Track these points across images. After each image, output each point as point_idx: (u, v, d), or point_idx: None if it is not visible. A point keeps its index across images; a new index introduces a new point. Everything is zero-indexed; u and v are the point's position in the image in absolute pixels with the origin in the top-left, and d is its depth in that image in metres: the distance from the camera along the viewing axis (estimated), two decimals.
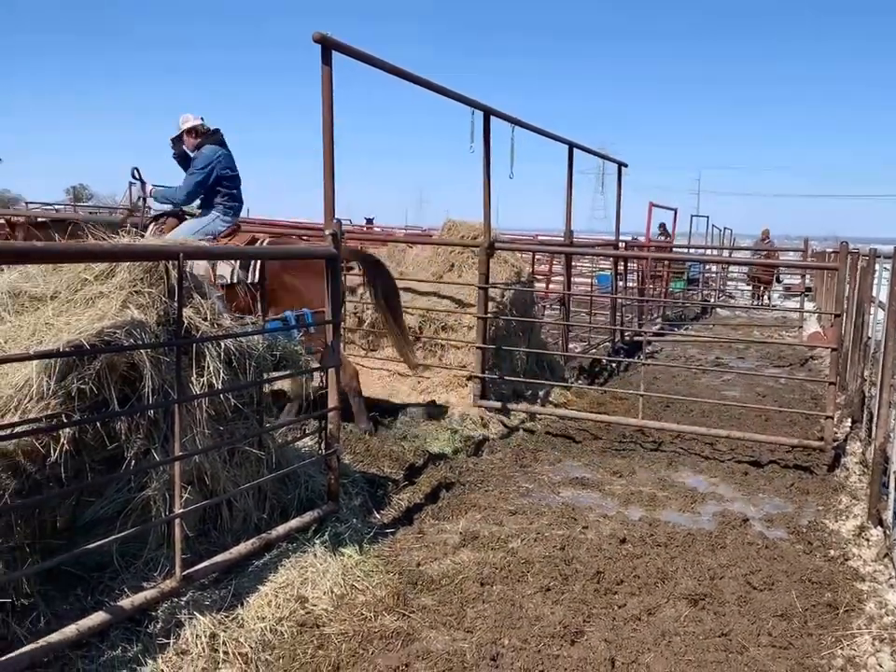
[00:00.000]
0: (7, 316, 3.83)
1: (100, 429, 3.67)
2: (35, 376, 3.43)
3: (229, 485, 4.27)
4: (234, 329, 4.39)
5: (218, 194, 7.05)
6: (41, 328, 3.74)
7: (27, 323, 3.78)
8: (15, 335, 3.73)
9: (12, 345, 3.68)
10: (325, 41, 5.14)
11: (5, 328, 3.77)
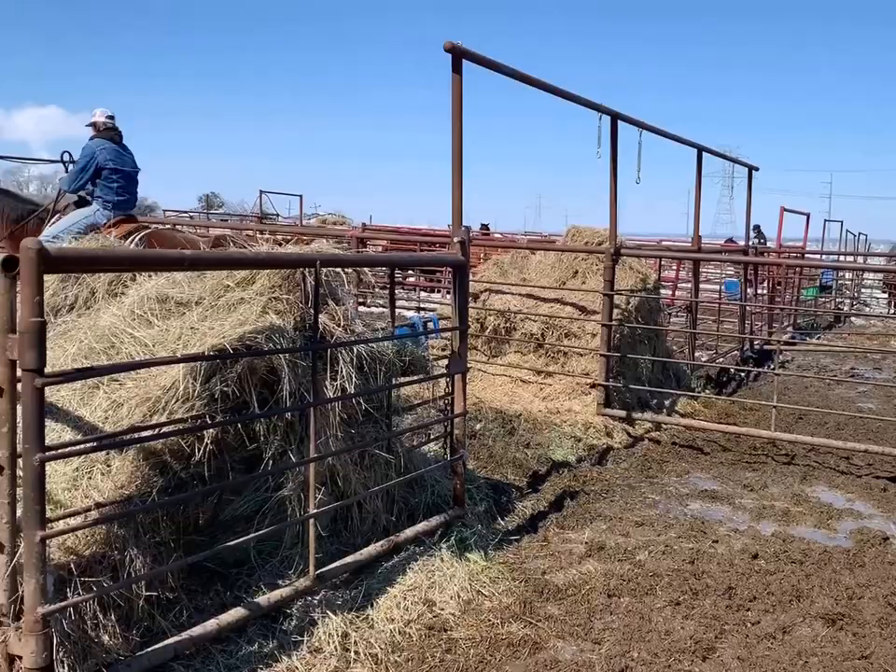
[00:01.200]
0: (155, 321, 4.02)
1: (240, 430, 3.81)
2: (181, 378, 3.59)
3: (359, 487, 4.36)
4: (366, 334, 4.49)
5: (98, 187, 7.48)
6: (187, 332, 3.91)
7: (174, 327, 3.96)
8: (162, 339, 3.91)
9: (160, 348, 3.86)
10: (455, 50, 5.19)
11: (153, 331, 3.96)
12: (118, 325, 3.97)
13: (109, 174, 7.58)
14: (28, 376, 2.69)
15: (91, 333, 3.97)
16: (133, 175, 7.83)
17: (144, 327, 3.99)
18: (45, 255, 2.68)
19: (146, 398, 3.60)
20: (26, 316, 2.67)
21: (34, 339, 2.68)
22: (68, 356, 3.82)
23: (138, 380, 3.73)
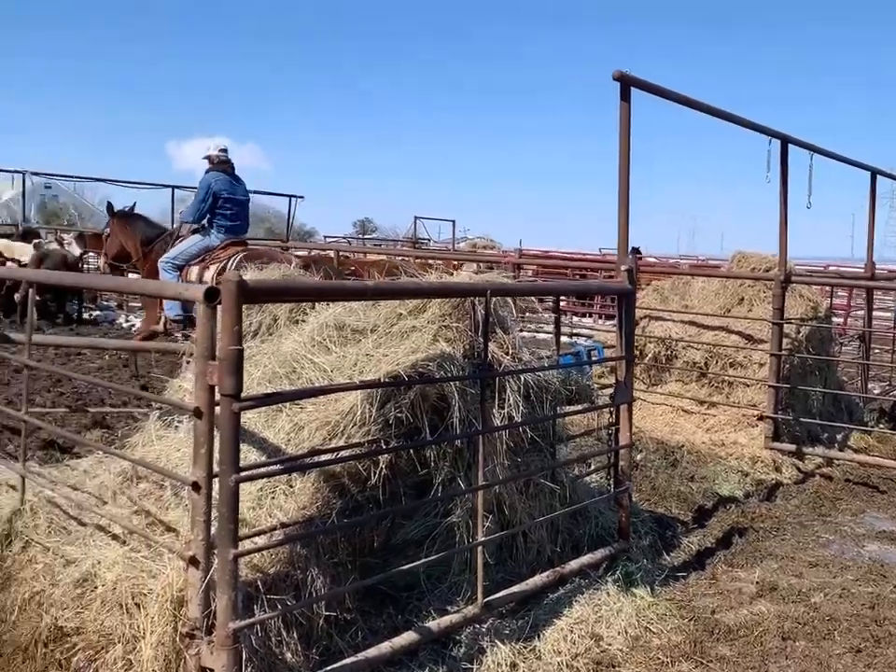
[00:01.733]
0: (333, 347, 4.17)
1: (412, 456, 3.90)
2: (359, 404, 3.71)
3: (524, 516, 4.36)
4: (533, 362, 4.51)
5: (216, 215, 8.24)
6: (362, 358, 4.04)
7: (350, 354, 4.10)
8: (340, 364, 4.06)
9: (337, 374, 4.01)
10: (624, 79, 5.16)
11: (331, 358, 4.11)
12: (299, 351, 4.15)
13: (223, 202, 8.30)
14: (226, 401, 2.85)
15: (274, 358, 4.16)
16: (244, 203, 8.55)
17: (323, 353, 4.15)
18: (244, 287, 2.84)
19: (325, 422, 3.74)
20: (226, 344, 2.84)
21: (232, 366, 2.83)
22: (254, 380, 4.01)
23: (318, 404, 3.88)
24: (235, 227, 8.47)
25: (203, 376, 2.94)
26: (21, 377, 9.32)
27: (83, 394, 8.61)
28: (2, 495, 4.33)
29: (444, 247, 28.40)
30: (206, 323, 2.95)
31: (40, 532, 3.82)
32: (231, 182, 8.45)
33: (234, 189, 8.46)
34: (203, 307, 2.94)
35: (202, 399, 2.95)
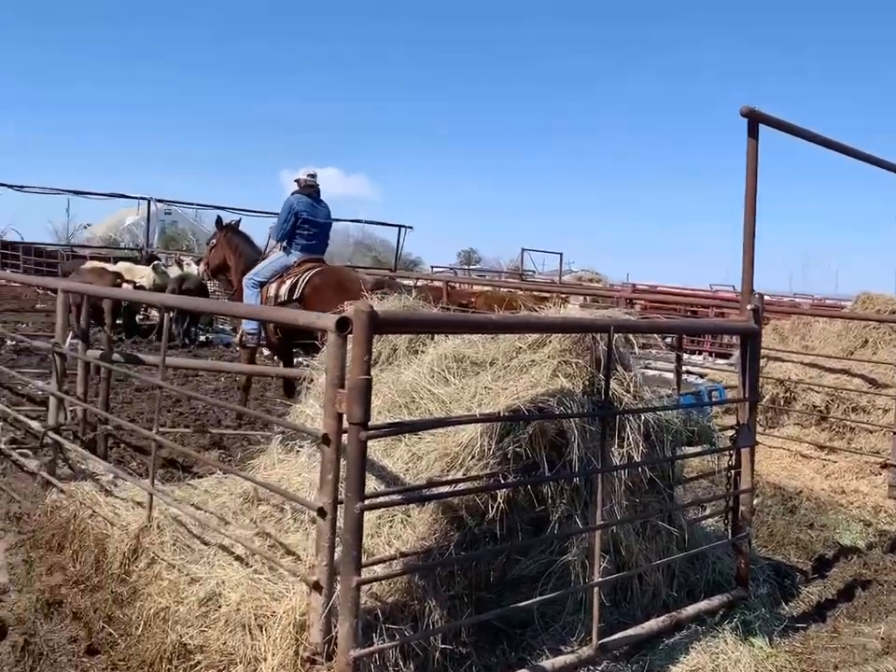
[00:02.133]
0: (452, 379, 4.19)
1: (530, 491, 3.86)
2: (478, 437, 3.71)
3: (641, 558, 4.27)
4: (653, 401, 4.43)
5: (296, 235, 8.74)
6: (481, 391, 4.05)
7: (469, 386, 4.11)
8: (458, 396, 4.07)
9: (456, 406, 4.02)
10: (752, 115, 5.06)
11: (449, 389, 4.13)
12: (418, 381, 4.18)
13: (303, 223, 8.79)
14: (354, 429, 2.89)
15: (393, 388, 4.20)
16: (323, 225, 9.05)
17: (441, 384, 4.17)
18: (375, 317, 2.89)
19: (444, 453, 3.75)
20: (355, 373, 2.88)
21: (361, 395, 2.88)
22: (374, 408, 4.05)
23: (436, 434, 3.90)
24: (312, 246, 8.93)
25: (332, 404, 3.00)
26: (141, 396, 9.71)
27: (200, 414, 8.88)
28: (129, 511, 4.50)
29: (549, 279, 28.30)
30: (336, 352, 3.02)
31: (166, 549, 3.94)
32: (313, 204, 8.90)
33: (315, 211, 8.92)
34: (333, 336, 3.01)
35: (330, 426, 3.00)
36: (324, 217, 9.06)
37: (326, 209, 9.12)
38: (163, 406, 9.05)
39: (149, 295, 6.84)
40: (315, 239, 8.93)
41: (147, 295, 8.57)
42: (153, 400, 9.33)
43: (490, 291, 16.82)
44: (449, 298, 13.43)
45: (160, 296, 5.35)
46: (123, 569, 3.99)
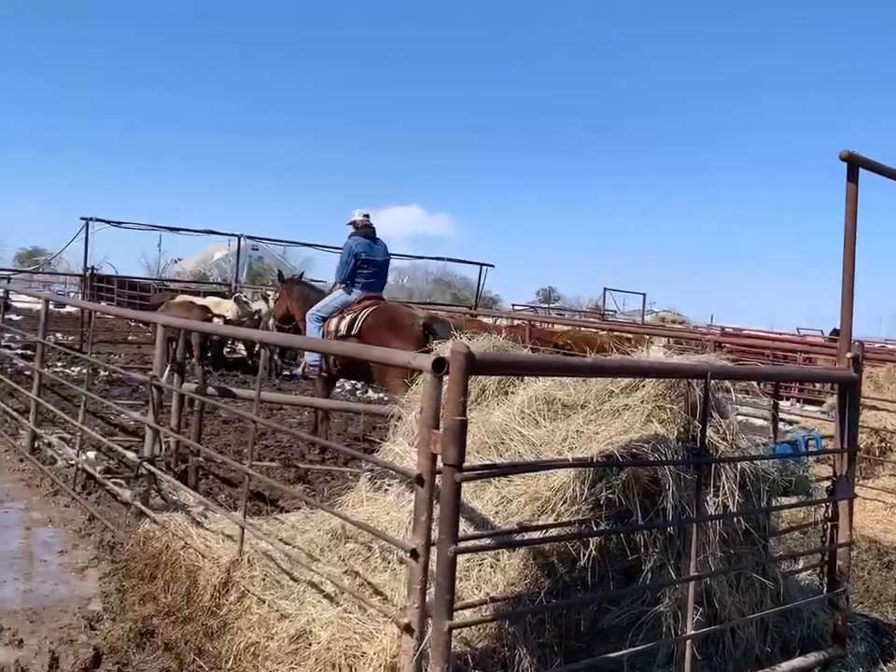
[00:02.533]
0: (543, 421, 4.15)
1: (622, 539, 3.78)
2: (570, 481, 3.65)
3: (734, 611, 4.13)
4: (750, 450, 4.31)
5: (356, 274, 9.19)
6: (572, 434, 4.00)
7: (560, 429, 4.06)
8: (549, 439, 4.02)
9: (546, 449, 3.97)
10: (852, 159, 4.95)
11: (540, 432, 4.09)
12: (508, 423, 4.15)
13: (362, 263, 9.25)
14: (448, 470, 2.88)
15: (483, 428, 4.18)
16: (381, 263, 9.48)
17: (532, 426, 4.13)
18: (471, 359, 2.88)
19: (535, 497, 3.71)
20: (451, 414, 2.87)
21: (456, 436, 2.86)
22: None
23: (526, 477, 3.86)
24: (371, 284, 9.38)
25: (427, 444, 2.99)
26: (228, 428, 9.88)
27: (285, 448, 8.98)
28: (220, 543, 4.55)
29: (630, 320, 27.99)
30: (432, 392, 3.01)
31: (256, 584, 3.97)
32: (370, 245, 9.36)
33: (373, 251, 9.38)
34: (429, 376, 3.00)
35: (424, 466, 2.99)
36: (381, 255, 9.50)
37: (382, 247, 9.56)
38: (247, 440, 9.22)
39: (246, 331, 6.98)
40: (373, 277, 9.38)
41: (243, 331, 8.74)
42: (240, 433, 9.54)
43: (572, 331, 16.71)
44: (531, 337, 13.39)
45: (258, 333, 5.46)
46: (214, 602, 4.02)
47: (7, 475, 7.11)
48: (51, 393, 10.69)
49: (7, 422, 8.88)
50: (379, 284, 9.52)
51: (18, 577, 4.93)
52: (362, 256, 9.27)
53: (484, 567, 3.62)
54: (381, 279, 9.56)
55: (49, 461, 7.37)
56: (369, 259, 9.31)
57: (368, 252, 9.32)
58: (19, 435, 8.36)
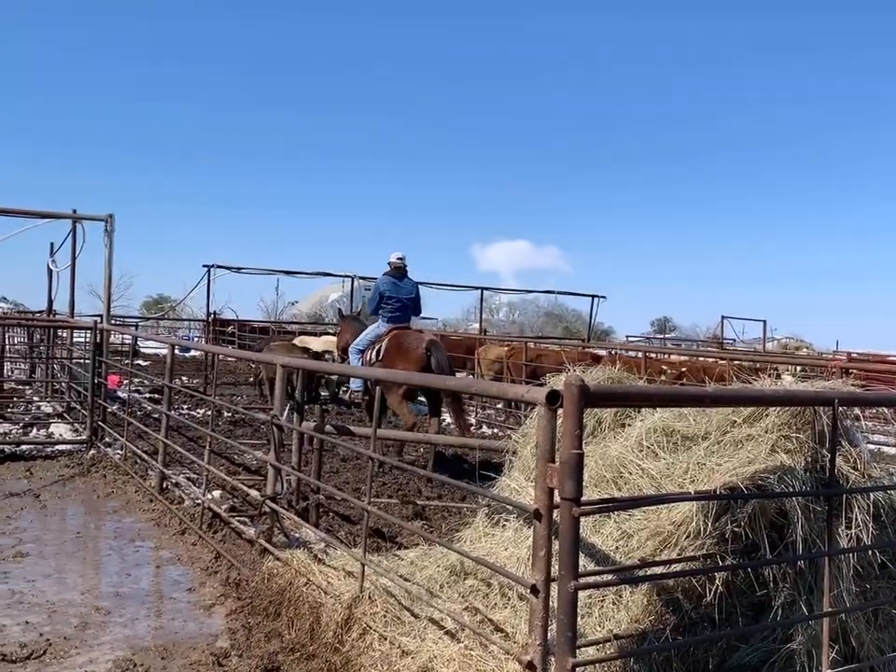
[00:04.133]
0: (662, 454, 4.07)
1: (750, 574, 3.65)
2: (692, 515, 3.56)
3: (872, 649, 3.92)
4: (883, 479, 4.11)
5: (383, 308, 10.70)
6: (693, 467, 3.90)
7: (680, 461, 3.97)
8: (669, 472, 3.94)
9: (667, 482, 3.89)
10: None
11: (660, 464, 4.01)
12: (626, 455, 4.09)
13: (387, 299, 10.69)
14: (566, 504, 2.84)
15: (600, 462, 4.14)
16: (405, 300, 10.79)
17: (651, 459, 4.06)
18: (586, 391, 2.85)
19: (657, 531, 3.63)
20: (567, 448, 2.85)
21: (573, 469, 2.83)
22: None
23: (647, 512, 3.78)
24: (397, 317, 10.77)
25: (544, 478, 2.97)
26: (347, 465, 10.04)
27: (402, 485, 9.06)
28: (341, 580, 4.62)
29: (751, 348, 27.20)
30: (547, 425, 2.99)
31: (377, 620, 4.00)
32: (395, 283, 10.76)
33: (398, 289, 10.75)
34: (544, 410, 2.99)
35: (542, 501, 2.97)
36: (406, 293, 10.83)
37: (408, 286, 10.92)
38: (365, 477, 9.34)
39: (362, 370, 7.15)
40: (398, 311, 10.76)
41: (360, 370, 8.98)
42: (357, 470, 9.69)
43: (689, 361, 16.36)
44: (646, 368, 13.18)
45: (374, 371, 5.55)
46: (337, 639, 4.08)
47: (138, 514, 7.42)
48: (178, 434, 11.11)
49: (137, 463, 9.26)
50: (404, 317, 10.89)
51: (149, 614, 5.12)
52: (386, 293, 10.70)
53: (606, 603, 3.55)
54: (405, 313, 10.90)
55: (177, 501, 7.66)
56: (393, 295, 10.70)
57: (391, 290, 10.72)
58: (148, 476, 8.71)
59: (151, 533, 6.86)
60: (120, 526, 7.03)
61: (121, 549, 6.41)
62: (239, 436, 11.76)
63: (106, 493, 8.22)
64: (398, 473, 9.43)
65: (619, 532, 3.79)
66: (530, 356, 15.99)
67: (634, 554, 3.65)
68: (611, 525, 3.84)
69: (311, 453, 6.55)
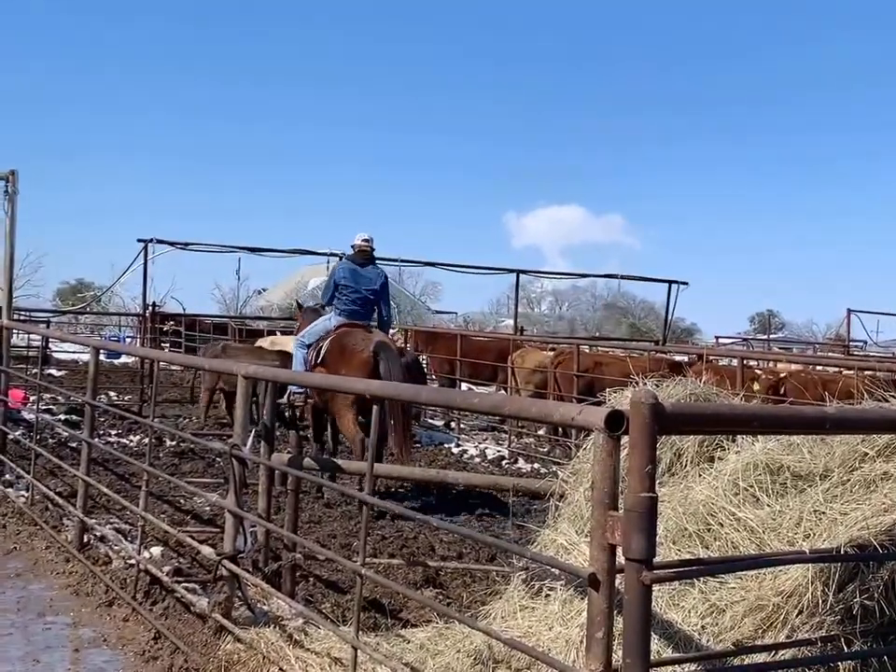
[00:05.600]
0: (765, 498, 4.07)
1: (886, 664, 3.64)
2: (807, 582, 3.56)
3: None
4: None
5: (337, 300, 11.68)
6: (808, 516, 3.90)
7: (790, 509, 3.97)
8: (775, 524, 3.93)
9: (772, 536, 3.88)
10: None
11: (762, 513, 4.00)
12: (715, 500, 4.09)
13: (343, 289, 11.59)
14: (633, 567, 2.84)
15: (681, 509, 4.13)
16: (365, 294, 11.68)
17: (750, 505, 4.06)
18: (660, 412, 2.84)
19: (757, 605, 3.64)
20: (635, 490, 2.84)
21: (643, 519, 2.83)
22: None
23: (745, 578, 3.78)
24: (353, 312, 11.65)
25: (602, 531, 2.96)
26: (332, 513, 10.06)
27: (408, 539, 9.04)
28: (324, 669, 4.64)
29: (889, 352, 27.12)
30: (607, 459, 2.98)
31: None
32: (354, 270, 11.70)
33: (357, 277, 11.67)
34: (602, 437, 2.98)
35: (600, 562, 2.96)
36: (368, 283, 11.73)
37: (371, 275, 11.82)
38: (358, 528, 9.31)
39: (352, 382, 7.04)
40: (355, 305, 11.66)
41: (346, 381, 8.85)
42: (348, 519, 9.70)
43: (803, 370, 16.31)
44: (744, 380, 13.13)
45: (366, 383, 5.45)
46: None
47: (50, 580, 7.45)
48: (105, 471, 11.17)
49: (48, 510, 9.27)
50: (363, 312, 11.77)
51: None
52: (341, 282, 11.64)
53: None
54: (364, 307, 11.77)
55: (103, 560, 7.65)
56: (349, 285, 11.61)
57: (350, 278, 11.63)
58: (64, 526, 8.75)
59: (68, 604, 6.88)
60: (25, 595, 7.06)
61: (27, 626, 6.43)
62: (187, 472, 11.82)
63: (7, 549, 8.25)
64: (402, 524, 9.44)
65: (706, 606, 3.79)
66: (584, 364, 15.95)
67: (726, 636, 3.65)
68: (696, 595, 3.84)
69: (285, 495, 6.55)
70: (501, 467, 14.39)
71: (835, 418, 3.27)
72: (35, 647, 6.07)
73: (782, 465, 4.20)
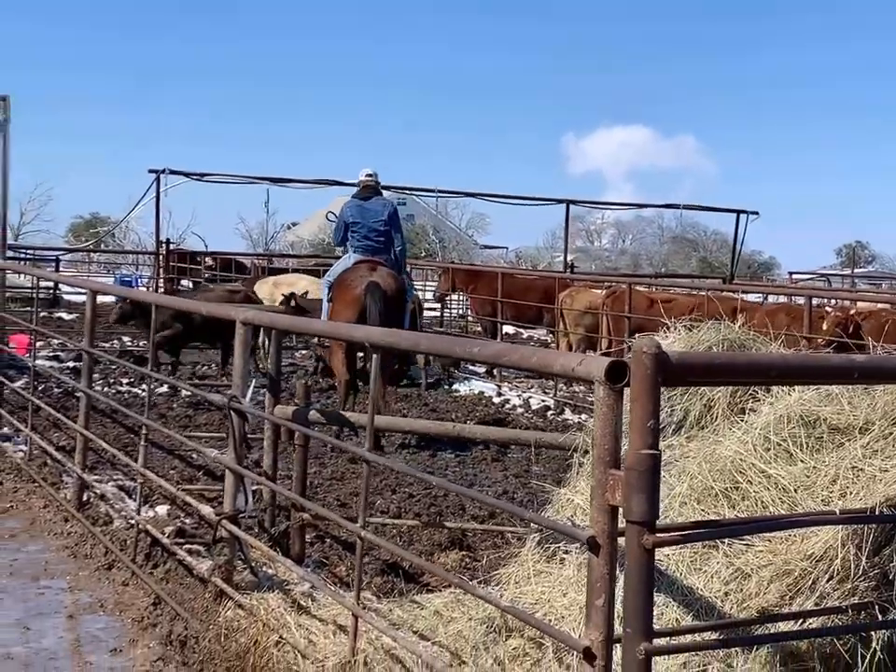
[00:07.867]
0: (799, 453, 4.07)
1: None
2: (838, 545, 3.58)
3: None
4: None
5: (350, 238, 12.72)
6: (846, 473, 3.90)
7: (826, 465, 3.98)
8: (808, 481, 3.95)
9: (804, 495, 3.90)
10: None
11: (795, 469, 4.01)
12: (744, 456, 4.10)
13: (353, 226, 12.65)
14: (634, 530, 2.86)
15: (706, 466, 4.15)
16: (374, 226, 12.66)
17: (782, 461, 4.06)
18: (664, 362, 2.85)
19: (785, 569, 3.66)
20: (636, 447, 2.86)
21: (644, 479, 2.84)
22: (675, 497, 4.03)
23: (773, 541, 3.80)
24: (365, 247, 12.70)
25: (602, 491, 2.98)
26: (357, 468, 10.08)
27: (438, 497, 9.06)
28: (329, 637, 4.71)
29: None
30: (608, 413, 2.99)
31: None
32: (361, 207, 12.73)
33: (364, 213, 12.67)
34: (603, 390, 2.99)
35: (599, 525, 2.99)
36: (374, 216, 12.70)
37: (376, 207, 12.78)
38: (388, 485, 9.33)
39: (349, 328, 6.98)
40: (367, 240, 12.71)
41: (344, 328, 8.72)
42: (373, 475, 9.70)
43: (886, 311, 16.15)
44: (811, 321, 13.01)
45: (366, 331, 5.39)
46: None
47: (47, 540, 7.59)
48: (112, 423, 11.32)
49: (47, 465, 9.44)
50: (378, 247, 12.75)
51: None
52: (349, 219, 12.68)
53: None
54: (375, 241, 12.74)
55: (103, 520, 7.78)
56: (357, 221, 12.63)
57: (357, 215, 12.65)
58: (63, 484, 8.91)
59: (64, 567, 6.99)
60: (20, 557, 7.18)
61: (19, 590, 6.55)
62: (202, 424, 11.92)
63: (2, 508, 8.41)
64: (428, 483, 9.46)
65: (731, 570, 3.81)
66: (640, 304, 15.86)
67: (751, 603, 3.67)
68: (720, 559, 3.86)
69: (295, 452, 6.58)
70: (546, 418, 14.28)
71: (865, 367, 3.28)
72: (28, 612, 6.19)
73: (819, 417, 4.20)
